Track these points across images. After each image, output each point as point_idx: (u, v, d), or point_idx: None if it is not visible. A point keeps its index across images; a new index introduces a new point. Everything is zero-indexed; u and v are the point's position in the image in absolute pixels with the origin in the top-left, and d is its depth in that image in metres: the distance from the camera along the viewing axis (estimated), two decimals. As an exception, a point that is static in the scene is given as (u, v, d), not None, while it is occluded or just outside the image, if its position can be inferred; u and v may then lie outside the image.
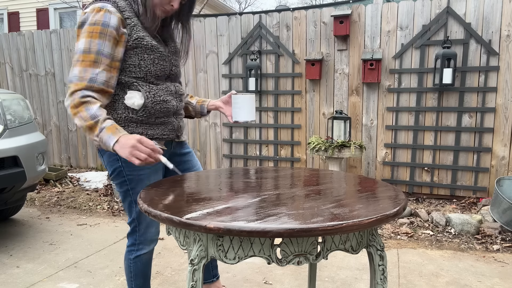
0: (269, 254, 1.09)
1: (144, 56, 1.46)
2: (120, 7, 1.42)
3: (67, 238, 3.05)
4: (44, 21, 9.79)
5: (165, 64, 1.53)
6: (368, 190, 1.33)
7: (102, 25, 1.37)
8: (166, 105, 1.53)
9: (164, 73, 1.55)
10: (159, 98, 1.51)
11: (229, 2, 12.07)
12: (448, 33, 3.58)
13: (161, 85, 1.53)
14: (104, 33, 1.38)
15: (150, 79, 1.50)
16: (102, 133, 1.32)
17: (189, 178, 1.55)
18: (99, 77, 1.38)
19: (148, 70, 1.48)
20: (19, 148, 2.82)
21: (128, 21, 1.43)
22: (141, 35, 1.45)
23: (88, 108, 1.33)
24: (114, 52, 1.41)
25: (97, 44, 1.37)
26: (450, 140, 3.69)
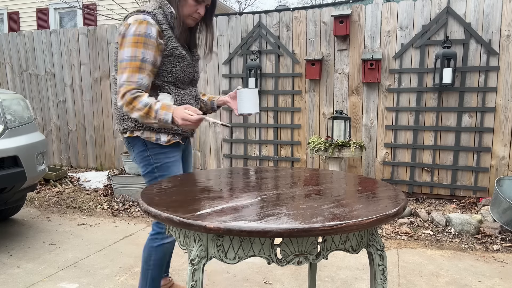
0: (269, 254, 1.09)
1: (176, 64, 1.66)
2: (158, 20, 1.60)
3: (67, 238, 3.05)
4: (44, 21, 9.79)
5: (190, 71, 1.74)
6: (368, 190, 1.33)
7: (145, 36, 1.55)
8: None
9: (189, 79, 1.75)
10: (185, 102, 1.71)
11: (229, 2, 12.08)
12: (448, 33, 3.58)
13: (186, 89, 1.74)
14: (147, 43, 1.56)
15: (178, 84, 1.70)
16: (158, 114, 1.51)
17: (189, 178, 1.55)
18: (144, 81, 1.57)
19: (177, 76, 1.68)
20: (19, 148, 2.82)
21: (165, 33, 1.62)
22: (175, 46, 1.65)
23: (140, 101, 1.52)
24: (155, 60, 1.60)
25: (141, 53, 1.55)
26: (450, 140, 3.69)
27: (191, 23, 1.70)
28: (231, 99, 1.89)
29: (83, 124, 5.12)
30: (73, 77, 5.08)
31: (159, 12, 1.63)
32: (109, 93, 4.93)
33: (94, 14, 8.90)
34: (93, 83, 4.99)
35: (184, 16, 1.66)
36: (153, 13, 1.59)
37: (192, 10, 1.66)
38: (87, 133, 5.12)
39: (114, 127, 4.94)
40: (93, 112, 5.06)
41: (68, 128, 5.21)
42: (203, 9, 1.67)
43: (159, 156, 1.70)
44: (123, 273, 2.44)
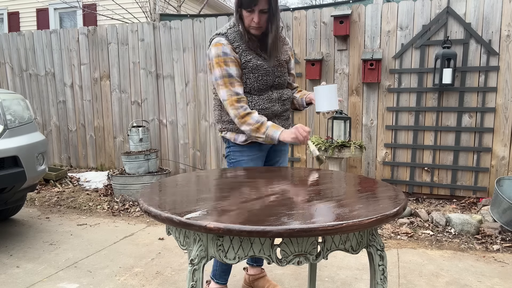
0: (269, 254, 1.09)
1: (250, 76, 1.80)
2: (230, 39, 1.77)
3: (67, 238, 3.05)
4: (44, 21, 9.79)
5: (268, 78, 1.84)
6: (368, 190, 1.33)
7: (223, 55, 1.75)
8: (265, 112, 1.85)
9: (267, 86, 1.85)
10: (258, 107, 1.83)
11: (229, 2, 12.10)
12: (448, 33, 3.58)
13: (263, 95, 1.85)
14: (227, 60, 1.75)
15: (253, 92, 1.83)
16: (268, 130, 1.74)
17: (190, 178, 1.55)
18: (239, 91, 1.78)
19: (252, 87, 1.82)
20: (19, 148, 2.82)
21: (237, 50, 1.78)
22: (247, 59, 1.79)
23: (252, 117, 1.75)
24: (239, 72, 1.79)
25: (225, 70, 1.76)
26: (450, 140, 3.69)
27: (254, 32, 1.78)
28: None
29: (83, 124, 5.12)
30: (73, 77, 5.08)
31: (233, 30, 1.80)
32: (109, 93, 4.93)
33: (94, 14, 8.90)
34: (93, 83, 4.99)
35: (247, 28, 1.77)
36: (226, 34, 1.78)
37: (249, 20, 1.75)
38: (87, 133, 5.12)
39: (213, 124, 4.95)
40: (93, 112, 5.06)
41: (68, 128, 5.21)
42: (257, 16, 1.73)
43: (236, 154, 1.91)
44: (123, 273, 2.44)
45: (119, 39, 4.79)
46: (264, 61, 1.83)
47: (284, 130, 1.75)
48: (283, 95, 1.92)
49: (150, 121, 4.78)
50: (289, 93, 1.98)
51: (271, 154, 2.03)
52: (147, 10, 6.98)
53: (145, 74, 4.72)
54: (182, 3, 7.28)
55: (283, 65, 1.92)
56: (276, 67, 1.87)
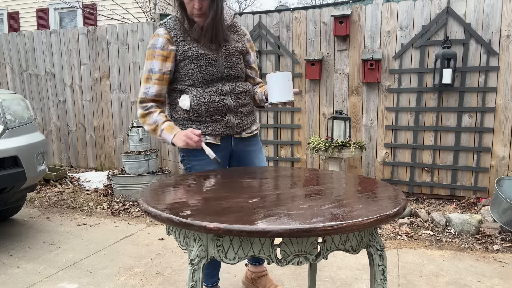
0: (269, 254, 1.09)
1: (191, 66, 1.70)
2: (168, 28, 1.70)
3: (67, 238, 3.05)
4: (44, 21, 9.79)
5: (215, 69, 1.72)
6: (368, 190, 1.33)
7: (153, 47, 1.69)
8: (213, 105, 1.72)
9: (215, 77, 1.73)
10: (204, 100, 1.71)
11: (229, 2, 12.09)
12: (448, 33, 3.58)
13: (211, 87, 1.73)
14: (154, 54, 1.68)
15: (198, 85, 1.72)
16: (163, 133, 1.66)
17: (189, 178, 1.55)
18: (150, 90, 1.70)
19: (195, 78, 1.71)
20: (19, 148, 2.82)
21: (175, 39, 1.69)
22: (186, 48, 1.69)
23: (151, 117, 1.69)
24: (163, 67, 1.70)
25: (149, 64, 1.69)
26: (450, 140, 3.69)
27: (197, 19, 1.69)
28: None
29: (83, 124, 5.12)
30: (73, 77, 5.08)
31: (173, 19, 1.72)
32: (109, 93, 4.93)
33: (94, 14, 8.90)
34: (93, 83, 4.99)
35: (190, 15, 1.69)
36: (165, 23, 1.72)
37: (190, 7, 1.66)
38: (87, 133, 5.12)
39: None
40: (93, 112, 5.06)
41: (68, 128, 5.21)
42: (197, 3, 1.62)
43: (190, 159, 1.80)
44: (123, 273, 2.44)
45: (119, 39, 4.79)
46: (209, 50, 1.71)
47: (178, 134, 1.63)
48: (236, 87, 1.78)
49: (150, 121, 4.77)
50: (247, 86, 1.83)
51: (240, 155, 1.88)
52: (147, 10, 6.98)
53: (145, 74, 4.71)
54: (182, 3, 7.26)
55: (235, 55, 1.78)
56: (225, 56, 1.74)
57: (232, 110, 1.77)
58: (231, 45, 1.78)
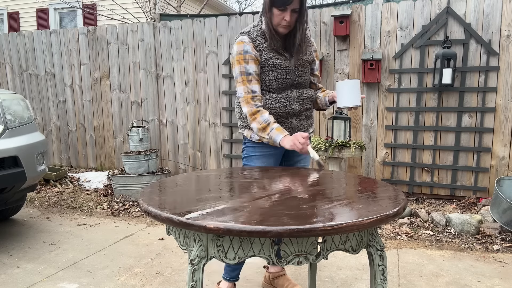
0: (269, 254, 1.09)
1: (269, 74, 1.84)
2: (252, 38, 1.82)
3: (67, 238, 3.05)
4: (44, 21, 9.79)
5: (287, 77, 1.86)
6: (368, 190, 1.33)
7: (243, 53, 1.81)
8: (282, 110, 1.88)
9: (286, 84, 1.87)
10: (275, 105, 1.86)
11: (229, 2, 12.10)
12: (448, 33, 3.58)
13: (282, 93, 1.88)
14: (247, 58, 1.80)
15: (271, 90, 1.87)
16: (272, 132, 1.77)
17: (190, 178, 1.55)
18: (255, 88, 1.82)
19: (270, 85, 1.86)
20: (19, 148, 2.82)
21: (258, 48, 1.82)
22: (267, 57, 1.82)
23: (262, 115, 1.79)
24: (257, 70, 1.83)
25: (243, 68, 1.81)
26: (450, 140, 3.69)
27: (282, 31, 1.80)
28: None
29: (83, 124, 5.12)
30: (73, 77, 5.08)
31: (256, 29, 1.84)
32: (109, 93, 4.93)
33: (94, 14, 8.90)
34: (93, 83, 4.99)
35: (275, 26, 1.79)
36: (249, 32, 1.84)
37: (279, 19, 1.76)
38: (87, 133, 5.12)
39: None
40: (93, 112, 5.06)
41: (68, 128, 5.21)
42: (288, 16, 1.75)
43: (249, 149, 1.97)
44: (123, 273, 2.44)
45: (119, 39, 4.79)
46: (285, 60, 1.86)
47: (287, 136, 1.76)
48: (302, 94, 1.94)
49: (150, 121, 4.78)
50: (310, 92, 1.99)
51: (290, 153, 2.03)
52: (147, 10, 6.98)
53: (145, 74, 4.72)
54: (182, 3, 7.28)
55: (305, 65, 1.93)
56: (297, 66, 1.89)
57: (296, 114, 1.93)
58: (302, 56, 1.90)
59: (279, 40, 1.84)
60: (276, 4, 1.74)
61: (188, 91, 4.57)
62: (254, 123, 1.80)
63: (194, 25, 4.44)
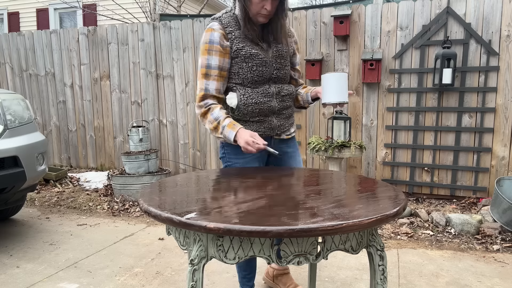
0: (269, 254, 1.09)
1: (243, 65, 1.67)
2: (223, 24, 1.66)
3: (67, 238, 3.05)
4: (44, 21, 9.79)
5: (264, 70, 1.70)
6: (368, 190, 1.33)
7: (209, 42, 1.64)
8: (259, 107, 1.72)
9: (263, 78, 1.71)
10: (251, 101, 1.70)
11: (229, 2, 12.12)
12: (448, 33, 3.58)
13: (259, 87, 1.71)
14: (211, 49, 1.63)
15: (247, 84, 1.70)
16: (224, 130, 1.61)
17: (189, 178, 1.55)
18: (211, 86, 1.65)
19: (244, 77, 1.69)
20: (19, 148, 2.82)
21: (230, 35, 1.65)
22: (240, 46, 1.66)
23: (212, 113, 1.64)
24: (222, 63, 1.66)
25: (206, 59, 1.64)
26: (450, 140, 3.69)
27: (262, 20, 1.66)
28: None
29: (83, 124, 5.12)
30: (73, 77, 5.08)
31: (228, 15, 1.68)
32: (109, 93, 4.93)
33: (94, 14, 8.90)
34: (93, 83, 4.99)
35: (253, 15, 1.65)
36: (220, 18, 1.67)
37: (259, 7, 1.62)
38: (87, 133, 5.12)
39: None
40: (93, 112, 5.06)
41: (68, 128, 5.21)
42: (269, 4, 1.61)
43: (230, 156, 1.79)
44: (123, 273, 2.44)
45: (119, 39, 4.79)
46: (261, 50, 1.69)
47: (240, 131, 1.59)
48: (282, 90, 1.78)
49: (150, 121, 4.78)
50: (291, 89, 1.84)
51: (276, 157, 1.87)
52: (147, 10, 6.98)
53: (145, 74, 4.72)
54: (182, 3, 7.28)
55: (284, 57, 1.77)
56: (275, 58, 1.73)
57: (276, 112, 1.78)
58: (281, 47, 1.76)
59: (256, 29, 1.67)
60: None
61: (188, 91, 4.57)
62: (206, 123, 1.66)
63: (194, 25, 4.44)
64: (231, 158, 1.79)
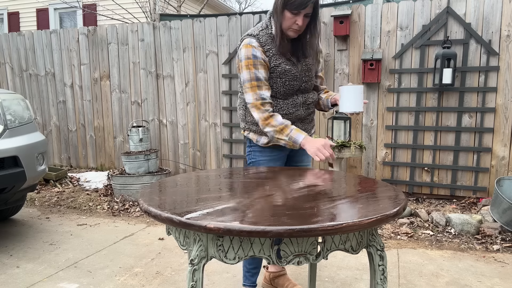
0: (269, 254, 1.09)
1: (277, 80, 1.80)
2: (261, 42, 1.76)
3: (67, 238, 3.05)
4: (44, 21, 9.79)
5: (295, 83, 1.83)
6: (368, 190, 1.33)
7: (253, 58, 1.74)
8: (289, 116, 1.85)
9: (293, 90, 1.84)
10: (282, 112, 1.84)
11: (229, 2, 12.11)
12: (448, 33, 3.58)
13: (288, 99, 1.85)
14: (257, 64, 1.74)
15: (279, 96, 1.83)
16: (292, 133, 1.73)
17: (190, 178, 1.55)
18: (266, 94, 1.77)
19: (278, 91, 1.82)
20: (19, 148, 2.82)
21: (268, 53, 1.76)
22: (277, 63, 1.78)
23: (276, 119, 1.75)
24: (267, 76, 1.78)
25: (253, 73, 1.75)
26: (450, 140, 3.69)
27: (292, 35, 1.76)
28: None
29: (83, 124, 5.12)
30: (73, 77, 5.08)
31: (264, 32, 1.78)
32: (109, 93, 4.93)
33: (94, 14, 8.90)
34: (93, 83, 4.99)
35: (285, 29, 1.74)
36: (258, 36, 1.76)
37: (291, 22, 1.71)
38: (87, 133, 5.12)
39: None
40: (93, 112, 5.06)
41: (68, 128, 5.21)
42: (301, 20, 1.70)
43: (256, 154, 1.95)
44: (123, 273, 2.44)
45: (119, 39, 4.79)
46: (293, 66, 1.82)
47: (307, 138, 1.72)
48: (308, 99, 1.91)
49: (150, 121, 4.78)
50: (315, 96, 1.97)
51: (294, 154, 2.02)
52: (147, 10, 6.99)
53: (145, 74, 4.72)
54: (182, 3, 7.28)
55: (311, 69, 1.89)
56: (304, 71, 1.86)
57: (302, 119, 1.92)
58: (309, 61, 1.87)
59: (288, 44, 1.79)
60: (290, 7, 1.68)
61: (188, 91, 4.57)
62: (268, 127, 1.76)
63: (194, 25, 4.44)
64: (256, 156, 1.95)
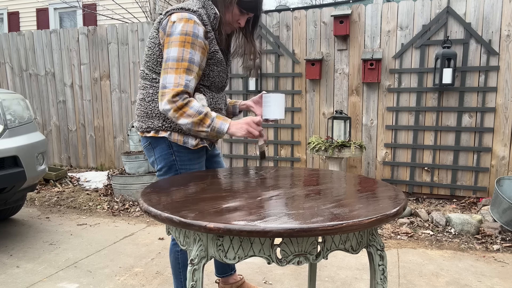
0: (269, 254, 1.09)
1: (214, 68, 1.59)
2: (203, 20, 1.52)
3: (67, 238, 3.05)
4: (44, 21, 9.79)
5: (224, 76, 1.68)
6: (368, 190, 1.33)
7: (193, 35, 1.47)
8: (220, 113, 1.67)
9: (223, 85, 1.69)
10: (218, 106, 1.65)
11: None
12: (448, 33, 3.58)
13: (220, 94, 1.69)
14: (195, 43, 1.47)
15: (212, 88, 1.64)
16: (214, 122, 1.47)
17: (189, 178, 1.55)
18: (191, 84, 1.49)
19: (213, 81, 1.61)
20: (19, 148, 2.82)
21: (209, 35, 1.54)
22: (216, 49, 1.57)
23: (191, 106, 1.46)
24: (202, 62, 1.53)
25: (189, 53, 1.46)
26: (450, 140, 3.69)
27: (227, 30, 1.64)
28: (255, 104, 1.81)
29: (83, 124, 5.12)
30: (73, 77, 5.08)
31: (204, 12, 1.54)
32: (109, 93, 4.93)
33: (94, 14, 8.90)
34: (93, 83, 4.99)
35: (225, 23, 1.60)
36: (198, 12, 1.51)
37: (234, 19, 1.60)
38: (87, 133, 5.12)
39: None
40: (93, 112, 5.06)
41: (68, 128, 5.21)
42: (244, 21, 1.62)
43: (185, 162, 1.62)
44: (123, 273, 2.44)
45: (119, 39, 4.79)
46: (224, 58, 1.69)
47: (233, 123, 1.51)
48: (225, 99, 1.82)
49: (150, 121, 4.77)
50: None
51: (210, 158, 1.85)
52: (147, 10, 6.98)
53: (145, 74, 4.72)
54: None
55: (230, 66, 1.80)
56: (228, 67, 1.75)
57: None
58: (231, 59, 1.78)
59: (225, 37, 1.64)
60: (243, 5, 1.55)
61: (188, 91, 4.56)
62: (183, 118, 1.45)
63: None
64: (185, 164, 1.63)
